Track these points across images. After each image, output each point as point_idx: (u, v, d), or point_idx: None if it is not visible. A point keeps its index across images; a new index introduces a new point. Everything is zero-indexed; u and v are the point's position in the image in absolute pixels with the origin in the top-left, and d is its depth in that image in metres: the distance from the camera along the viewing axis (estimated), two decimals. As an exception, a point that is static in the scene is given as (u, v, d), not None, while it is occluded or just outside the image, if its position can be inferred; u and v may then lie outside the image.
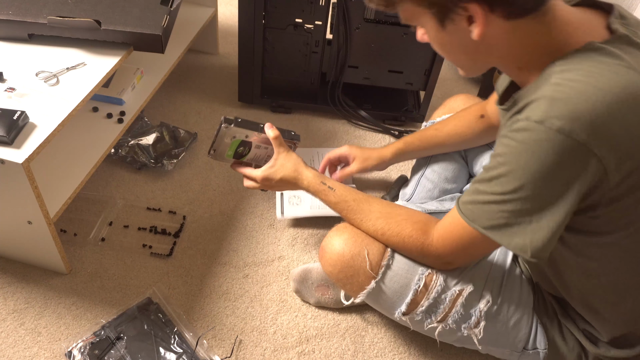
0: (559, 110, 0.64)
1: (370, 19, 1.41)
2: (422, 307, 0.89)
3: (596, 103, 0.63)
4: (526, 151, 0.66)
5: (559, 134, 0.63)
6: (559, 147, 0.64)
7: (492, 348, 0.93)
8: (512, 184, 0.69)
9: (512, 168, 0.68)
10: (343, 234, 0.93)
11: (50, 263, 1.11)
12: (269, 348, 1.06)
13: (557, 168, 0.65)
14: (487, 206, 0.72)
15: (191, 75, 1.73)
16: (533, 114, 0.65)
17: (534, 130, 0.65)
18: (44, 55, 1.11)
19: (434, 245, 0.84)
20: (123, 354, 0.99)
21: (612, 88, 0.64)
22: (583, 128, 0.63)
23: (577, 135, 0.63)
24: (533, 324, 0.91)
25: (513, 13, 0.68)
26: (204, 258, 1.20)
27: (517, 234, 0.71)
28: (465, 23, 0.69)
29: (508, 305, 0.90)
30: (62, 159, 1.15)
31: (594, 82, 0.64)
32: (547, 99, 0.65)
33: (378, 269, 0.90)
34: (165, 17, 1.13)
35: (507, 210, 0.70)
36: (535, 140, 0.65)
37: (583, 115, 0.63)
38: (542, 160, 0.65)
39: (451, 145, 1.20)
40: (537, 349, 0.90)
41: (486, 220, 0.73)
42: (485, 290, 0.90)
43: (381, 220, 0.90)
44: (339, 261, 0.92)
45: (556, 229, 0.69)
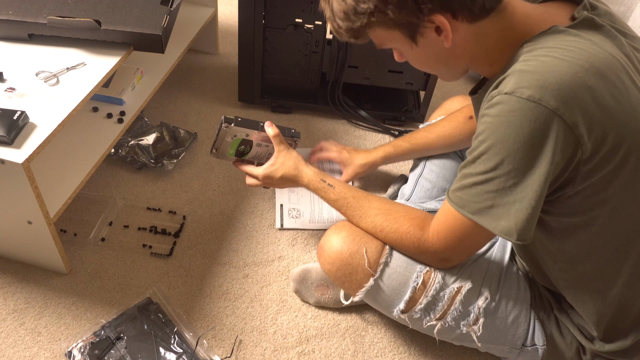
0: (527, 80, 0.67)
1: (370, 19, 1.41)
2: (420, 305, 0.90)
3: (563, 73, 0.66)
4: (501, 123, 0.69)
5: (529, 102, 0.66)
6: (530, 115, 0.66)
7: (491, 345, 0.93)
8: (494, 159, 0.71)
9: (491, 143, 0.70)
10: (341, 232, 0.94)
11: (50, 263, 1.11)
12: (269, 348, 1.06)
13: (531, 137, 0.67)
14: (474, 189, 0.74)
15: (191, 75, 1.73)
16: (504, 87, 0.69)
17: (506, 102, 0.68)
18: (44, 55, 1.11)
19: (430, 240, 0.85)
20: (123, 354, 0.99)
21: (577, 60, 0.67)
22: (552, 95, 0.65)
23: (546, 102, 0.65)
24: (531, 321, 0.91)
25: (474, 16, 0.73)
26: (204, 258, 1.20)
27: (502, 217, 0.72)
28: (435, 34, 0.74)
29: (506, 302, 0.90)
30: (62, 159, 1.15)
31: (560, 56, 0.68)
32: (517, 72, 0.69)
33: (376, 266, 0.90)
34: (165, 17, 1.13)
35: (492, 190, 0.72)
36: (508, 111, 0.68)
37: (551, 84, 0.66)
38: (516, 129, 0.67)
39: (441, 147, 1.21)
40: (536, 345, 0.91)
41: (474, 204, 0.74)
42: (484, 287, 0.90)
43: (380, 216, 0.91)
44: (337, 259, 0.93)
45: (536, 203, 0.70)
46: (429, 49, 0.77)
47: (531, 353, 0.92)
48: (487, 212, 0.73)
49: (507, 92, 0.68)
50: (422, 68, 0.85)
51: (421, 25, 0.73)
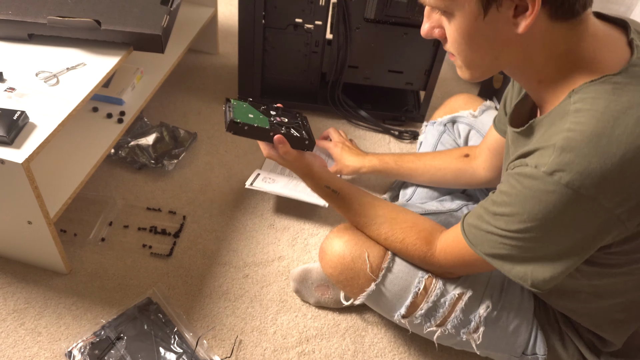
0: (568, 162, 0.62)
1: (370, 19, 1.41)
2: (421, 311, 0.89)
3: (607, 156, 0.61)
4: (532, 198, 0.65)
5: (568, 189, 0.62)
6: (567, 201, 0.63)
7: (491, 352, 0.93)
8: (517, 225, 0.68)
9: (517, 211, 0.67)
10: (343, 236, 0.93)
11: (50, 263, 1.11)
12: (269, 348, 1.06)
13: (565, 219, 0.64)
14: (491, 236, 0.73)
15: (191, 75, 1.73)
16: (542, 162, 0.64)
17: (542, 180, 0.63)
18: (44, 55, 1.11)
19: (436, 257, 0.86)
20: (123, 354, 0.99)
21: (626, 137, 0.61)
22: (593, 183, 0.61)
23: (586, 190, 0.61)
24: (533, 330, 0.90)
25: (559, 13, 0.64)
26: (204, 258, 1.20)
27: (518, 266, 0.72)
28: (511, 13, 0.64)
29: (508, 311, 0.90)
30: (62, 159, 1.15)
31: (608, 132, 0.61)
32: (558, 149, 0.63)
33: (378, 271, 0.90)
34: (165, 17, 1.13)
35: (511, 245, 0.71)
36: (542, 190, 0.64)
37: (594, 171, 0.61)
38: (549, 210, 0.64)
39: (426, 176, 1.19)
40: (537, 354, 0.90)
41: (488, 247, 0.74)
42: (485, 295, 0.90)
43: (385, 225, 0.91)
44: (340, 263, 0.92)
45: (560, 273, 0.70)
46: (491, 27, 0.66)
47: None
48: (502, 258, 0.73)
49: (545, 171, 0.63)
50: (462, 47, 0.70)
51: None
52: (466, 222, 0.78)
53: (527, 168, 0.66)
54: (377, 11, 1.39)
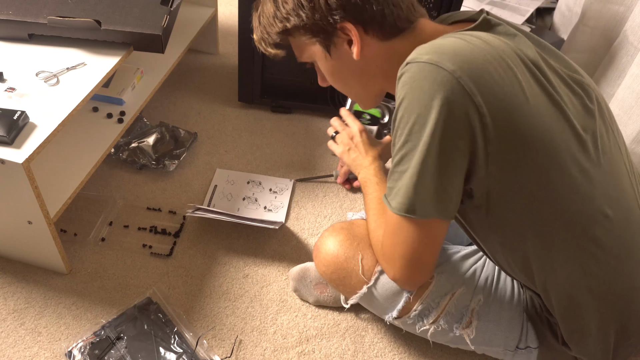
0: (425, 49, 0.68)
1: (370, 19, 1.41)
2: (415, 312, 0.89)
3: (460, 46, 0.68)
4: (404, 90, 0.68)
5: (427, 64, 0.66)
6: (429, 75, 0.66)
7: (485, 348, 0.93)
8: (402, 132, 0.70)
9: (400, 115, 0.70)
10: (338, 235, 0.94)
11: (50, 263, 1.11)
12: (269, 348, 1.06)
13: (429, 97, 0.66)
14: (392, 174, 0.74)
15: (191, 75, 1.73)
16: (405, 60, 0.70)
17: (407, 70, 0.68)
18: (44, 55, 1.11)
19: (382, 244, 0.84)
20: (123, 354, 0.99)
21: (474, 42, 0.69)
22: (448, 59, 0.66)
23: (444, 64, 0.65)
24: (524, 323, 0.91)
25: (385, 33, 0.77)
26: (204, 258, 1.20)
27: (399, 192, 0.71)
28: (347, 46, 0.78)
29: (500, 305, 0.90)
30: (62, 159, 1.15)
31: (459, 37, 0.70)
32: (416, 49, 0.70)
33: (371, 275, 0.90)
34: (165, 17, 1.14)
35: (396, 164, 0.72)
36: (408, 76, 0.68)
37: (448, 51, 0.67)
38: (418, 92, 0.67)
39: None
40: (530, 347, 0.91)
41: (388, 190, 0.75)
42: (477, 290, 0.90)
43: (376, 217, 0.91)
44: (333, 262, 0.93)
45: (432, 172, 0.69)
46: (342, 62, 0.80)
47: (525, 355, 0.92)
48: (390, 193, 0.74)
49: (408, 61, 0.69)
50: (337, 84, 0.86)
51: (334, 34, 0.77)
52: None
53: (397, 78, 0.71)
54: (377, 11, 1.39)
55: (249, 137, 1.53)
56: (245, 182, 1.38)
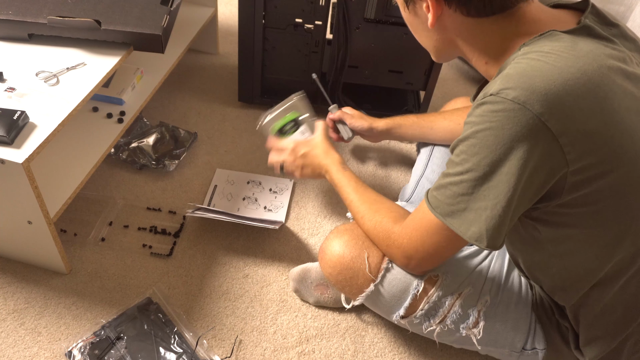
0: (514, 82, 0.65)
1: (370, 19, 1.41)
2: (421, 311, 0.89)
3: (552, 79, 0.64)
4: (483, 123, 0.67)
5: (514, 103, 0.64)
6: (513, 117, 0.64)
7: (491, 348, 0.93)
8: (471, 160, 0.69)
9: (471, 143, 0.68)
10: (343, 236, 0.94)
11: (50, 263, 1.11)
12: (269, 348, 1.06)
13: (510, 139, 0.65)
14: (449, 190, 0.72)
15: (191, 75, 1.73)
16: (490, 88, 0.67)
17: (491, 103, 0.66)
18: (44, 55, 1.11)
19: (397, 233, 0.84)
20: (123, 354, 0.99)
21: (568, 68, 0.65)
22: (537, 99, 0.63)
23: (531, 106, 0.63)
24: (531, 324, 0.91)
25: (471, 12, 0.72)
26: (204, 258, 1.20)
27: (474, 222, 0.70)
28: (425, 9, 0.74)
29: (507, 306, 0.90)
30: (62, 159, 1.15)
31: (552, 62, 0.65)
32: (504, 75, 0.67)
33: (377, 272, 0.90)
34: (165, 17, 1.13)
35: (466, 192, 0.70)
36: (491, 111, 0.66)
37: (538, 89, 0.63)
38: (497, 131, 0.65)
39: (446, 128, 1.21)
40: (536, 348, 0.90)
41: (446, 206, 0.73)
42: (484, 290, 0.90)
43: (364, 205, 0.93)
44: (339, 263, 0.93)
45: (508, 208, 0.68)
46: (418, 19, 0.78)
47: (531, 356, 0.92)
48: (459, 215, 0.72)
49: (493, 93, 0.66)
50: (415, 36, 0.84)
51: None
52: (429, 190, 0.78)
53: (477, 103, 0.68)
54: (377, 11, 1.39)
55: (249, 137, 1.53)
56: (245, 182, 1.38)
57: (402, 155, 1.54)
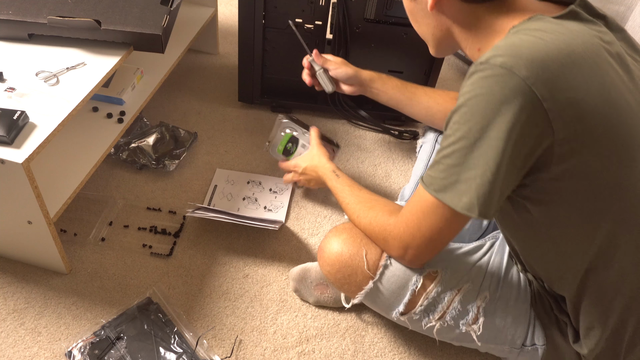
0: (502, 50, 0.68)
1: (370, 19, 1.41)
2: (420, 307, 0.90)
3: (538, 49, 0.67)
4: (474, 90, 0.69)
5: (501, 68, 0.66)
6: (501, 80, 0.66)
7: (491, 345, 0.93)
8: (462, 128, 0.70)
9: (463, 111, 0.70)
10: (341, 235, 0.94)
11: (50, 263, 1.11)
12: (269, 348, 1.06)
13: (498, 103, 0.66)
14: (441, 164, 0.73)
15: (191, 75, 1.73)
16: (480, 59, 0.69)
17: (480, 70, 0.68)
18: (44, 55, 1.11)
19: (394, 223, 0.85)
20: (123, 354, 0.99)
21: (555, 41, 0.68)
22: (524, 64, 0.65)
23: (518, 70, 0.65)
24: (531, 320, 0.91)
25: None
26: (204, 258, 1.20)
27: (465, 193, 0.71)
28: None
29: (506, 302, 0.90)
30: (62, 159, 1.15)
31: (540, 36, 0.68)
32: (493, 47, 0.70)
33: (376, 269, 0.90)
34: (165, 17, 1.14)
35: (456, 163, 0.71)
36: (481, 77, 0.68)
37: (524, 55, 0.66)
38: (486, 96, 0.67)
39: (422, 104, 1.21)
40: (536, 345, 0.91)
41: (439, 180, 0.74)
42: (483, 286, 0.90)
43: (360, 205, 0.95)
44: (337, 261, 0.93)
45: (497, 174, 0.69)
46: (418, 5, 0.82)
47: (531, 353, 0.92)
48: (451, 188, 0.73)
49: (482, 61, 0.68)
50: (413, 24, 0.88)
51: None
52: (426, 171, 0.78)
53: (468, 74, 0.71)
54: (377, 11, 1.39)
55: (249, 137, 1.53)
56: (245, 182, 1.38)
57: (402, 155, 1.54)
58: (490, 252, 0.96)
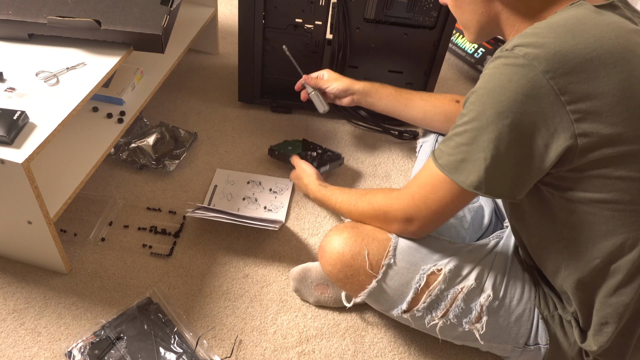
0: (528, 40, 0.69)
1: (370, 19, 1.41)
2: (424, 304, 0.90)
3: (564, 40, 0.67)
4: (494, 75, 0.71)
5: (524, 59, 0.68)
6: (521, 71, 0.68)
7: (493, 344, 0.93)
8: (476, 109, 0.72)
9: (480, 93, 0.72)
10: (343, 233, 0.94)
11: (50, 263, 1.11)
12: (269, 348, 1.06)
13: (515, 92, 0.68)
14: (453, 140, 0.76)
15: (191, 75, 1.73)
16: (507, 45, 0.71)
17: (504, 57, 0.70)
18: (44, 55, 1.11)
19: (395, 197, 0.87)
20: (123, 354, 0.99)
21: (583, 32, 0.68)
22: (545, 57, 0.67)
23: (538, 62, 0.67)
24: (534, 319, 0.91)
25: None
26: (204, 258, 1.20)
27: (473, 171, 0.73)
28: None
29: (510, 300, 0.90)
30: (62, 159, 1.15)
31: (570, 25, 0.69)
32: (522, 34, 0.71)
33: (379, 268, 0.90)
34: (165, 17, 1.14)
35: (467, 142, 0.73)
36: (503, 64, 0.70)
37: (548, 47, 0.67)
38: (504, 82, 0.69)
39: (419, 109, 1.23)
40: (539, 344, 0.91)
41: (448, 156, 0.76)
42: (487, 285, 0.90)
43: (353, 195, 0.98)
44: (339, 261, 0.92)
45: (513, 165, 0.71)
46: None
47: (534, 352, 0.92)
48: (458, 165, 0.75)
49: (507, 48, 0.70)
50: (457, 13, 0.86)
51: None
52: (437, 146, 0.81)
53: (493, 57, 0.72)
54: (377, 11, 1.39)
55: (249, 137, 1.53)
56: (245, 182, 1.38)
57: (402, 155, 1.54)
58: (494, 251, 0.96)
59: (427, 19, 1.40)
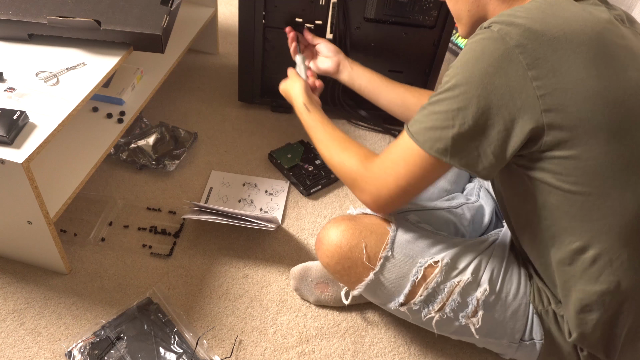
0: (503, 18, 0.73)
1: (370, 19, 1.41)
2: (420, 297, 0.90)
3: (535, 19, 0.72)
4: (469, 50, 0.75)
5: (497, 33, 0.72)
6: (493, 44, 0.71)
7: (489, 339, 0.93)
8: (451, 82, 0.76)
9: (455, 66, 0.75)
10: (340, 225, 0.94)
11: (50, 263, 1.11)
12: (269, 348, 1.06)
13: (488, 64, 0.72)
14: (426, 109, 0.79)
15: (191, 75, 1.73)
16: (484, 24, 0.75)
17: (480, 33, 0.74)
18: (44, 55, 1.11)
19: (368, 168, 0.88)
20: (123, 354, 0.99)
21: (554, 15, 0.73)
22: (516, 32, 0.71)
23: (510, 37, 0.70)
24: (529, 314, 0.91)
25: None
26: (204, 258, 1.20)
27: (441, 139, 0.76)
28: None
29: (506, 295, 0.90)
30: (62, 159, 1.15)
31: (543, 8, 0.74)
32: (500, 14, 0.75)
33: (376, 260, 0.90)
34: (165, 17, 1.13)
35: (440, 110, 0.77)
36: (479, 39, 0.74)
37: (520, 25, 0.71)
38: (477, 56, 0.73)
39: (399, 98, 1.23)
40: (534, 339, 0.91)
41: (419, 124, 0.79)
42: (483, 279, 0.90)
43: (333, 142, 0.99)
44: (337, 253, 0.93)
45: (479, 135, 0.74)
46: None
47: (529, 347, 0.92)
48: (427, 132, 0.78)
49: (485, 26, 0.74)
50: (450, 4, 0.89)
51: None
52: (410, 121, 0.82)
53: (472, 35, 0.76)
54: (377, 11, 1.39)
55: (249, 137, 1.53)
56: (241, 184, 1.38)
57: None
58: (492, 247, 0.96)
59: (427, 18, 1.40)
